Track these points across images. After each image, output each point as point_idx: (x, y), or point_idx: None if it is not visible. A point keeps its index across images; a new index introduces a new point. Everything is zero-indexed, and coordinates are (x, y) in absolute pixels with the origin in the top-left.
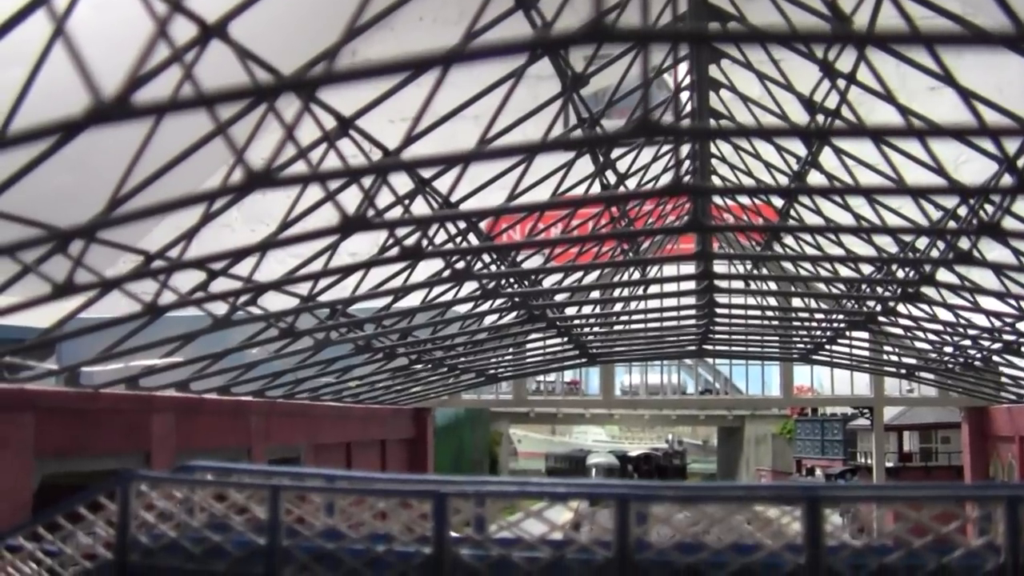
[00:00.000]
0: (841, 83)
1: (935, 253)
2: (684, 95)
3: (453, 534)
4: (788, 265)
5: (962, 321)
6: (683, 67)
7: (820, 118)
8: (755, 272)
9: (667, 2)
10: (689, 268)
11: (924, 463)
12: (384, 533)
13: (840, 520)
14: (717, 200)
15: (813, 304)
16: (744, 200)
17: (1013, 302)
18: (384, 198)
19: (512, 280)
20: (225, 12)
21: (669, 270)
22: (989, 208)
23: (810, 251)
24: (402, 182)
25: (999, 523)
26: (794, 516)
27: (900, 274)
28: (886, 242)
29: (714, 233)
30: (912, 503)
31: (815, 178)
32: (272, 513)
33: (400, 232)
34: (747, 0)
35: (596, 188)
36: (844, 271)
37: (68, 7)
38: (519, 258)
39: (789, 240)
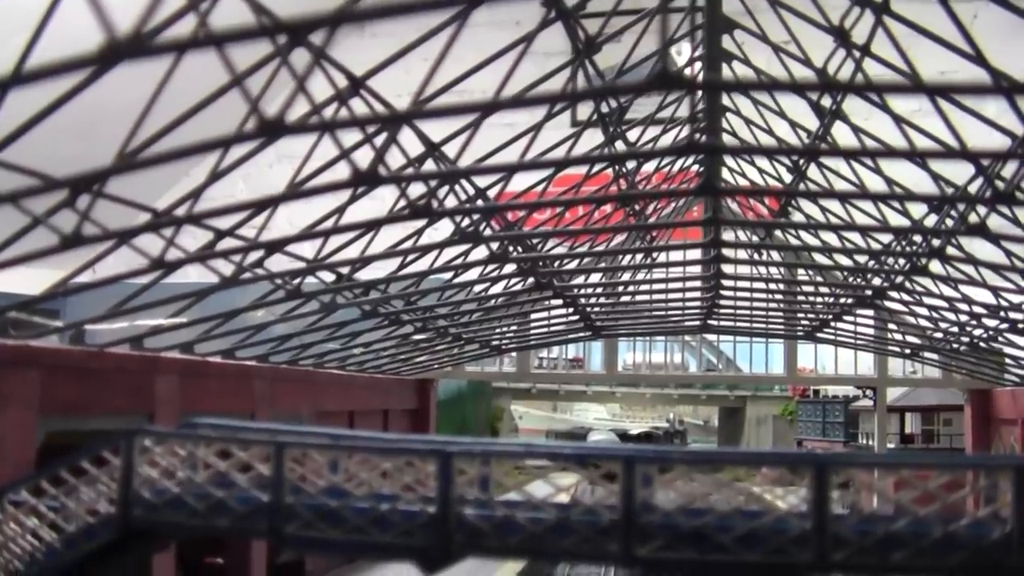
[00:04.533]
0: (856, 55)
1: (946, 226)
2: (696, 67)
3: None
4: (796, 240)
5: (967, 298)
6: (696, 37)
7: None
8: (764, 241)
9: None
10: (696, 253)
11: (926, 445)
12: (389, 492)
13: (839, 492)
14: (726, 176)
15: (820, 279)
16: (753, 176)
17: (1018, 278)
18: (395, 161)
19: (519, 247)
20: None
21: (677, 251)
22: (1000, 185)
23: (819, 223)
24: (412, 146)
25: (1006, 493)
26: (802, 481)
27: (908, 248)
28: (896, 220)
29: (723, 200)
30: (918, 471)
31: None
32: (276, 470)
33: (411, 195)
34: None
35: (608, 155)
36: (852, 245)
37: None
38: (527, 228)
39: (798, 216)
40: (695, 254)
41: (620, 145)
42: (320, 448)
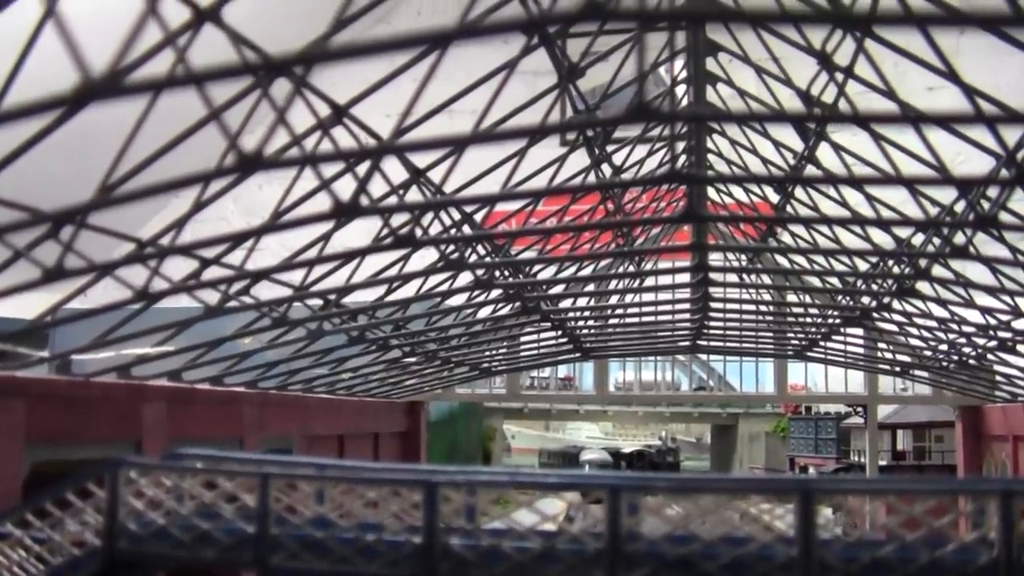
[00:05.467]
0: (839, 77)
1: (931, 248)
2: (680, 89)
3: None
4: (783, 261)
5: (956, 318)
6: (679, 62)
7: (817, 110)
8: (751, 265)
9: None
10: (685, 277)
11: (918, 461)
12: (374, 522)
13: (832, 515)
14: (713, 195)
15: (808, 300)
16: (740, 195)
17: (1007, 298)
18: (379, 188)
19: (506, 272)
20: None
21: (665, 272)
22: (986, 205)
23: (806, 247)
24: (396, 172)
25: (992, 517)
26: (786, 510)
27: (896, 269)
28: (883, 240)
29: (710, 223)
30: (905, 496)
31: (812, 172)
32: (262, 501)
33: (394, 223)
34: None
35: (592, 183)
36: (840, 266)
37: None
38: (514, 252)
39: (785, 236)
40: (683, 275)
41: (606, 167)
42: (306, 479)
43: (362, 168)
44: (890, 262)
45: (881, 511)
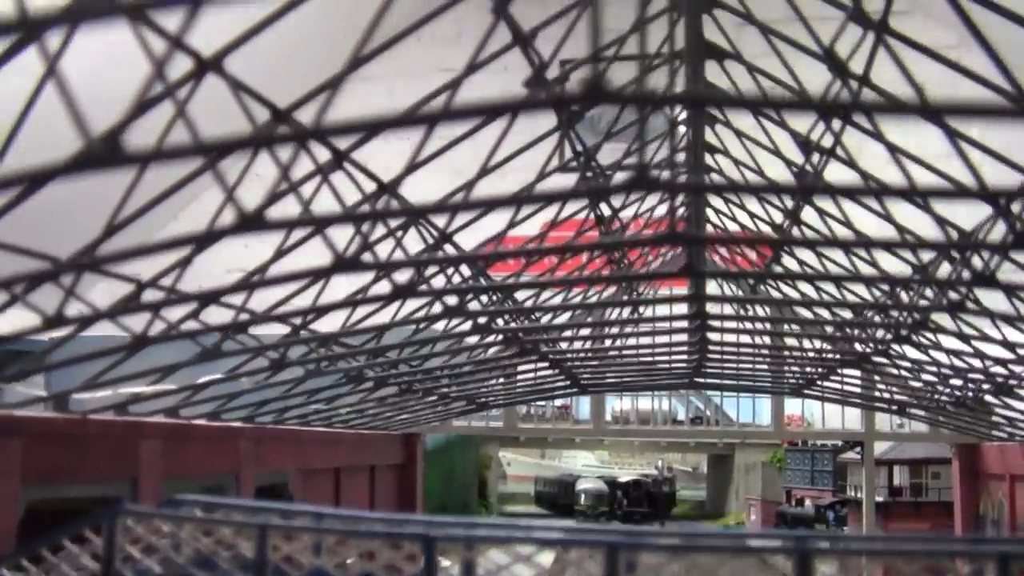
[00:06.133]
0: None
1: (929, 298)
2: (679, 156)
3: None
4: (785, 291)
5: (955, 363)
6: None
7: (815, 157)
8: (747, 313)
9: (664, 40)
10: (682, 308)
11: (914, 498)
12: (371, 573)
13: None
14: (712, 217)
15: (806, 343)
16: (744, 219)
17: (1007, 349)
18: (376, 230)
19: (506, 316)
20: (222, 46)
21: (662, 309)
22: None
23: (802, 295)
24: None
25: None
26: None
27: (894, 316)
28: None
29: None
30: (904, 557)
31: (803, 231)
32: (259, 552)
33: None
34: (740, 30)
35: (591, 229)
36: (838, 312)
37: (61, 46)
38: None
39: (783, 286)
40: (680, 306)
41: (604, 207)
42: (303, 531)
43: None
44: (900, 293)
45: (878, 570)
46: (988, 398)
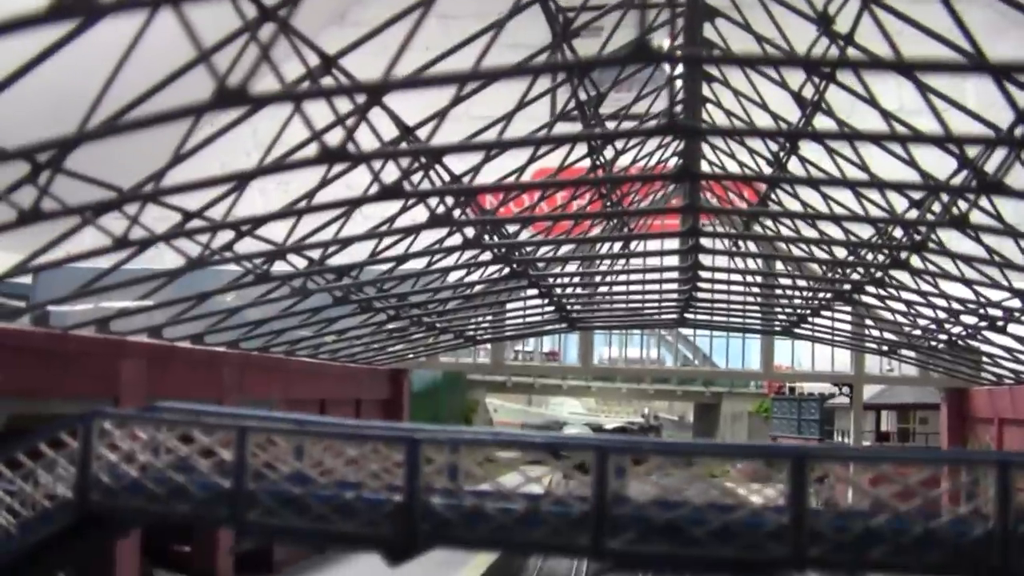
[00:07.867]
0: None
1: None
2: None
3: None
4: (778, 228)
5: (946, 293)
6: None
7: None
8: (744, 232)
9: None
10: (674, 244)
11: (902, 443)
12: (354, 480)
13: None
14: (705, 167)
15: (798, 273)
16: (733, 167)
17: (999, 274)
18: (371, 144)
19: (495, 236)
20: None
21: (654, 240)
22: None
23: (802, 212)
24: (387, 129)
25: (988, 489)
26: (778, 476)
27: (890, 242)
28: (878, 214)
29: (703, 181)
30: (898, 466)
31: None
32: (238, 455)
33: (384, 180)
34: None
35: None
36: (831, 237)
37: None
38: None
39: (777, 207)
40: (672, 243)
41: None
42: (284, 433)
43: (351, 120)
44: (883, 234)
45: (864, 482)
46: (978, 336)
